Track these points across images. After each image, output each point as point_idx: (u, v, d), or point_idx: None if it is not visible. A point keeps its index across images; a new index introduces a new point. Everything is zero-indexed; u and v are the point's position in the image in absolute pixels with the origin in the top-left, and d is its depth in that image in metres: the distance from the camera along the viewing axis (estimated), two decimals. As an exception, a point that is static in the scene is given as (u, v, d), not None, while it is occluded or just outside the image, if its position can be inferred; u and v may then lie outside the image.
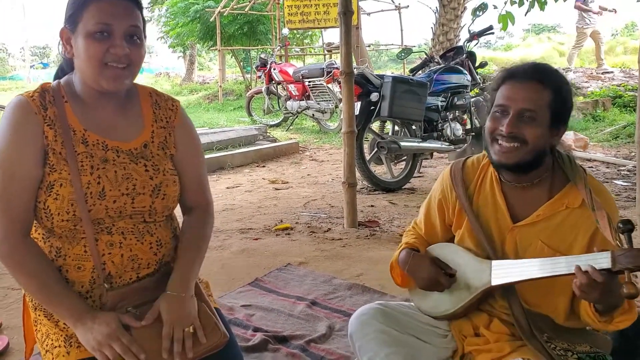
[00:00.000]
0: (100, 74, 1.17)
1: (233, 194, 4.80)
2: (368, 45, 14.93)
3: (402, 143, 4.56)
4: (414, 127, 4.86)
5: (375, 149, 4.62)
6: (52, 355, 1.21)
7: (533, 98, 1.24)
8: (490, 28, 5.21)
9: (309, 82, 8.32)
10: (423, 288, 1.42)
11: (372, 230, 3.46)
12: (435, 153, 5.42)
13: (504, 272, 1.28)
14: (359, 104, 4.38)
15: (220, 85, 13.23)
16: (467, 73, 5.13)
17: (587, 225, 1.26)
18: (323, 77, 8.01)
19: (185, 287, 1.26)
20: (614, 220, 1.18)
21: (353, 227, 3.51)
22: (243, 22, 14.06)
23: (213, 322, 1.27)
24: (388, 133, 4.93)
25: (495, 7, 4.29)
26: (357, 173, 3.89)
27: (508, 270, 1.27)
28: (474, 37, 5.29)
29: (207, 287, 1.45)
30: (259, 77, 9.96)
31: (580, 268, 1.10)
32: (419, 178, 5.17)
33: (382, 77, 4.58)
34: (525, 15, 4.53)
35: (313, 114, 8.50)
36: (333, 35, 29.20)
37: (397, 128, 4.90)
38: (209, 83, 17.38)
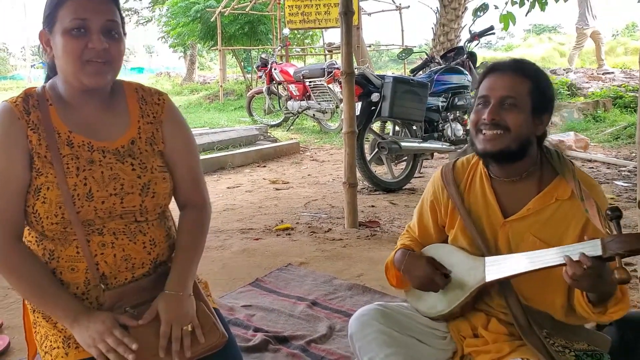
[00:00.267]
0: (81, 71, 1.16)
1: (234, 194, 4.80)
2: (369, 46, 14.92)
3: (402, 143, 4.56)
4: (415, 127, 4.86)
5: (376, 149, 4.62)
6: (51, 357, 1.21)
7: (512, 85, 1.29)
8: (491, 28, 5.21)
9: (310, 82, 8.32)
10: (418, 288, 1.43)
11: (372, 231, 3.46)
12: (436, 153, 5.41)
13: (497, 267, 1.29)
14: (360, 104, 4.38)
15: (221, 85, 13.22)
16: (467, 73, 5.13)
17: (578, 217, 1.28)
18: (324, 77, 8.01)
19: (183, 286, 1.26)
20: (603, 209, 1.19)
21: (354, 227, 3.51)
22: (244, 22, 14.06)
23: (211, 321, 1.27)
24: (389, 133, 4.93)
25: (496, 7, 4.30)
26: (357, 173, 3.89)
27: (501, 266, 1.28)
28: (475, 37, 5.28)
29: (206, 287, 1.44)
30: (260, 77, 9.97)
31: (570, 256, 1.11)
32: (420, 178, 5.17)
33: (382, 77, 4.58)
34: (526, 16, 4.53)
35: (314, 114, 8.49)
36: (334, 36, 29.16)
37: (397, 128, 4.90)
38: (210, 83, 17.38)
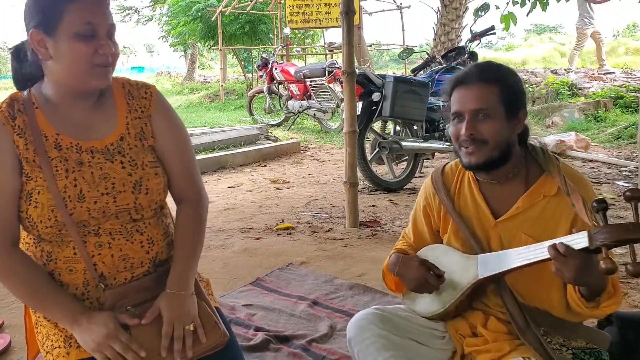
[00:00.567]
0: (90, 74, 1.16)
1: (234, 194, 4.81)
2: (370, 45, 14.92)
3: (403, 143, 4.56)
4: (416, 127, 4.85)
5: (377, 149, 4.62)
6: (52, 356, 1.21)
7: (481, 96, 1.31)
8: (492, 28, 5.20)
9: (311, 81, 8.31)
10: (413, 290, 1.44)
11: (373, 230, 3.46)
12: (437, 153, 5.41)
13: (490, 264, 1.30)
14: (361, 104, 4.38)
15: (222, 85, 13.23)
16: (468, 73, 5.12)
17: (567, 212, 1.29)
18: (324, 76, 8.00)
19: (184, 285, 1.26)
20: (589, 202, 1.20)
21: (354, 227, 3.51)
22: (244, 21, 14.07)
23: (213, 321, 1.27)
24: (389, 133, 4.93)
25: (497, 7, 4.30)
26: (358, 173, 3.89)
27: (493, 262, 1.30)
28: (476, 37, 5.27)
29: (207, 285, 1.44)
30: (261, 76, 9.96)
31: (552, 247, 1.13)
32: (421, 178, 5.16)
33: (383, 77, 4.57)
34: (527, 16, 4.54)
35: (314, 114, 8.49)
36: (334, 35, 29.16)
37: (398, 128, 4.90)
38: (210, 82, 17.38)
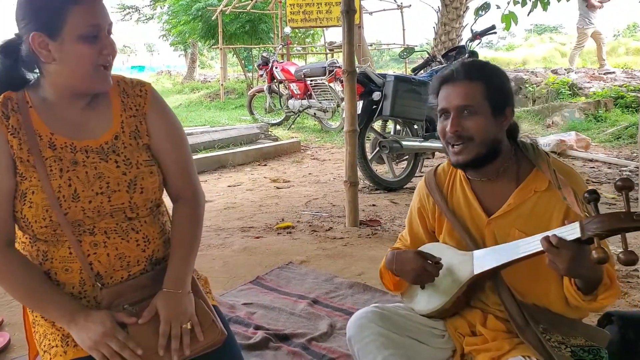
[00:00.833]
0: (93, 76, 1.16)
1: (234, 193, 4.81)
2: (370, 45, 14.92)
3: (404, 142, 4.56)
4: (416, 126, 4.85)
5: (377, 148, 4.62)
6: (49, 355, 1.20)
7: (466, 93, 1.32)
8: (493, 28, 5.19)
9: (311, 81, 8.31)
10: (412, 282, 1.44)
11: (373, 230, 3.46)
12: (437, 152, 5.40)
13: (484, 260, 1.31)
14: (361, 103, 4.37)
15: (222, 84, 13.23)
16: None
17: (559, 206, 1.30)
18: (325, 76, 8.00)
19: (181, 284, 1.26)
20: (580, 194, 1.20)
21: (354, 226, 3.51)
22: (245, 20, 14.08)
23: (210, 319, 1.26)
24: (390, 132, 4.93)
25: (498, 6, 4.30)
26: (358, 172, 3.89)
27: (488, 258, 1.30)
28: (476, 36, 5.26)
29: (205, 283, 1.43)
30: (261, 75, 9.97)
31: (547, 238, 1.13)
32: (421, 177, 5.16)
33: (384, 76, 4.57)
34: (528, 15, 4.53)
35: (315, 113, 8.48)
36: (335, 34, 29.23)
37: (399, 127, 4.89)
38: (211, 81, 17.38)
